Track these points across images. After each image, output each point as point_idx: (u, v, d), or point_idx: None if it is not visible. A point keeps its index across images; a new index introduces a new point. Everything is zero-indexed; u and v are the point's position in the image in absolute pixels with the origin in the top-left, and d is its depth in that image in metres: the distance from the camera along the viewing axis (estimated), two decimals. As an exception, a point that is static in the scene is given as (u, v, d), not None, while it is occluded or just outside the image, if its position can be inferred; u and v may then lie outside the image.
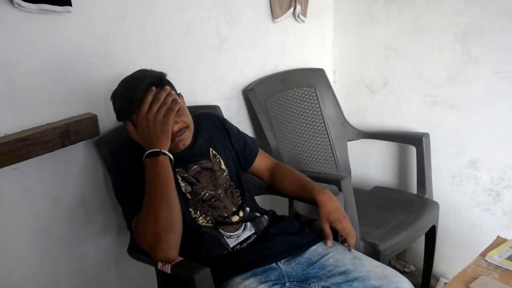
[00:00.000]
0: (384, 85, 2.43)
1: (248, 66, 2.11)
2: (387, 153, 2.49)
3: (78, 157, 1.55)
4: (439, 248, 2.22)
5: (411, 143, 2.29)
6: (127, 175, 1.39)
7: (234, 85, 2.07)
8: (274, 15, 2.14)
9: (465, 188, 2.27)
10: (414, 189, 2.31)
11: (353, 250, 1.50)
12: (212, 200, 1.47)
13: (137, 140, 1.37)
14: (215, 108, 1.88)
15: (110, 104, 1.42)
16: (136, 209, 1.31)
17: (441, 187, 2.31)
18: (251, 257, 1.41)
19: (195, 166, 1.49)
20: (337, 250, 1.49)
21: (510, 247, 1.59)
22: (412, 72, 2.31)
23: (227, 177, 1.55)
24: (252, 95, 2.05)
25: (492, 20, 2.03)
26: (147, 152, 1.31)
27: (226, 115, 1.93)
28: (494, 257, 1.54)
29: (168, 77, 1.43)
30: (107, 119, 1.57)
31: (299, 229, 1.56)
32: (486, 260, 1.55)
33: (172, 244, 1.27)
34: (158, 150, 1.30)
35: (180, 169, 1.46)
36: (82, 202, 1.59)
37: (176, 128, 1.38)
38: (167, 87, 1.37)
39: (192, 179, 1.47)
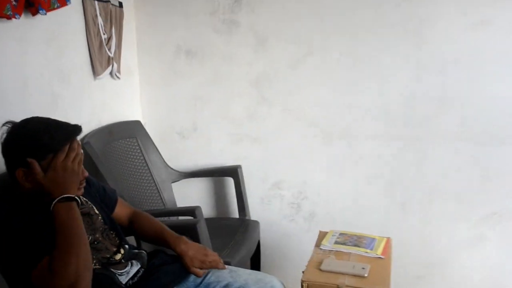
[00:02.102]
0: (194, 130, 2.69)
1: (78, 122, 2.09)
2: (207, 188, 2.74)
3: None
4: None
5: (229, 175, 2.60)
6: (17, 229, 1.28)
7: (67, 141, 2.03)
8: (96, 73, 2.19)
9: (273, 206, 2.67)
10: (236, 214, 2.59)
11: (226, 266, 1.67)
12: (95, 243, 1.46)
13: (42, 182, 1.31)
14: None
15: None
16: (37, 257, 1.25)
17: (254, 208, 2.64)
18: None
19: None
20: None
21: (332, 236, 2.01)
22: (218, 115, 2.64)
23: (101, 220, 1.56)
24: (89, 147, 2.04)
25: (276, 70, 2.52)
26: (61, 197, 1.29)
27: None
28: (326, 244, 1.94)
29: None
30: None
31: (175, 258, 1.64)
32: (321, 249, 1.92)
33: (88, 282, 1.26)
34: (73, 196, 1.31)
35: None
36: None
37: (81, 177, 1.39)
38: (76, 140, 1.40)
39: None
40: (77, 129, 1.41)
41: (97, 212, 1.55)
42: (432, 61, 2.34)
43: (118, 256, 1.51)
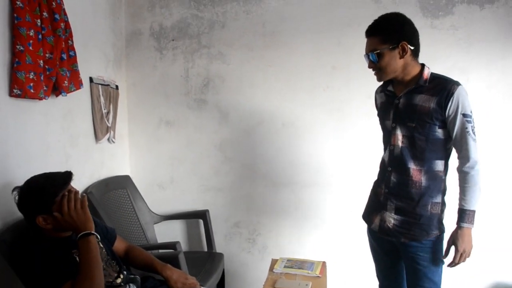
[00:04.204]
0: (171, 183, 2.82)
1: (83, 176, 2.23)
2: (182, 227, 2.83)
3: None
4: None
5: (199, 217, 2.73)
6: (46, 262, 1.38)
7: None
8: (97, 139, 2.34)
9: (234, 241, 2.80)
10: (205, 248, 2.71)
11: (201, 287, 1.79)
12: None
13: (61, 222, 1.40)
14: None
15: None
16: (60, 283, 1.35)
17: (219, 243, 2.76)
18: None
19: None
20: None
21: (282, 262, 2.17)
22: (190, 171, 2.79)
23: (105, 252, 1.64)
24: (92, 196, 2.16)
25: (236, 136, 2.72)
26: (81, 234, 1.40)
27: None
28: (278, 268, 2.09)
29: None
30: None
31: (162, 282, 1.74)
32: (274, 272, 2.07)
33: None
34: (89, 232, 1.41)
35: (76, 250, 1.51)
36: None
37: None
38: (72, 188, 1.48)
39: None
40: (70, 173, 1.48)
41: (101, 246, 1.62)
42: (350, 130, 2.63)
43: (119, 280, 1.60)
